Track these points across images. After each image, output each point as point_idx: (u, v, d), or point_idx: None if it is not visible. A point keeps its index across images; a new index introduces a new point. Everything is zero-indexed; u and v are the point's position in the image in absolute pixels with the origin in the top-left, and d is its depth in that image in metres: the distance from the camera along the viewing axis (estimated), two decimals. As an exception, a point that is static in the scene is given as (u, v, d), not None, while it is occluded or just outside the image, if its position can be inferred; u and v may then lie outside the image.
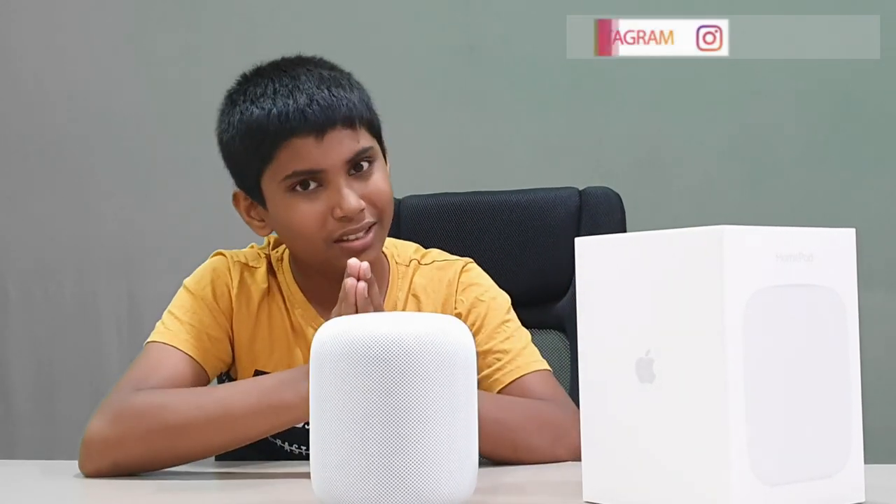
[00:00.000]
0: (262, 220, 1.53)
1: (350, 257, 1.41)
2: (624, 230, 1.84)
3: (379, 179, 1.49)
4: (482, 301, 1.57)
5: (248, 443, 1.37)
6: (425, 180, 2.04)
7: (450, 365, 1.02)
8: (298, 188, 1.45)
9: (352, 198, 1.44)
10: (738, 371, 0.97)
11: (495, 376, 1.51)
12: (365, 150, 1.47)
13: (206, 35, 2.94)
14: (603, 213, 1.85)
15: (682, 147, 2.76)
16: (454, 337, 1.04)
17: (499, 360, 1.51)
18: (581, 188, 1.88)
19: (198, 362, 1.47)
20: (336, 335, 1.03)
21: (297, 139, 1.43)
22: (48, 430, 2.98)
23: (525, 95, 2.81)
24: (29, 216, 3.01)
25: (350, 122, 1.45)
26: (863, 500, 1.06)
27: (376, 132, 1.52)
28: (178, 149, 2.94)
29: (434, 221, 1.79)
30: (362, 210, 1.45)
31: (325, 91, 1.45)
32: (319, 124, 1.42)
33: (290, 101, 1.43)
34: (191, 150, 2.92)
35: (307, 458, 1.53)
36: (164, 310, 1.53)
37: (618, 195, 1.88)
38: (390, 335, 1.00)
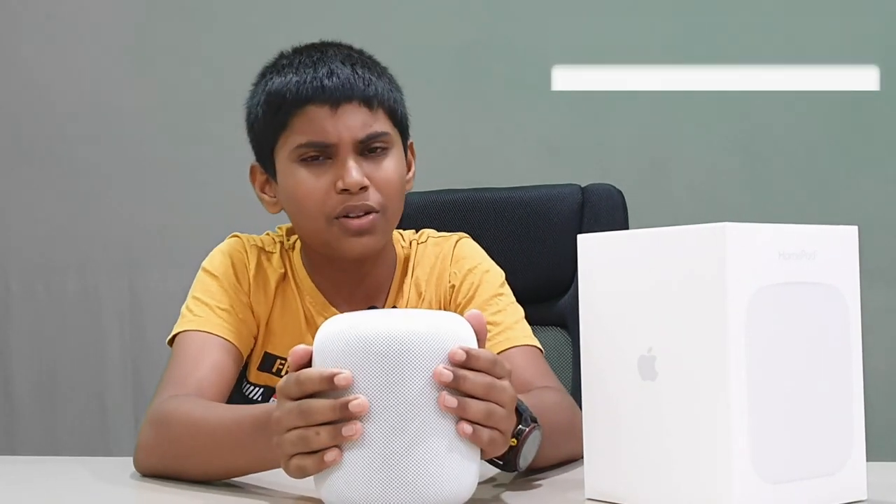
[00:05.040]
0: (274, 196, 1.53)
1: (349, 238, 1.44)
2: (626, 227, 1.84)
3: (389, 167, 1.48)
4: (474, 273, 1.56)
5: (243, 472, 1.27)
6: (427, 177, 2.04)
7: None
8: (308, 160, 1.46)
9: (355, 172, 1.44)
10: (741, 369, 0.97)
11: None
12: (379, 134, 1.47)
13: (207, 36, 2.94)
14: (605, 209, 1.85)
15: (684, 144, 2.76)
16: (456, 333, 1.03)
17: (489, 331, 1.45)
18: (583, 185, 1.88)
19: (234, 345, 1.46)
20: (338, 332, 1.02)
21: (312, 107, 1.44)
22: (50, 425, 2.98)
23: (527, 92, 2.81)
24: (31, 212, 3.01)
25: (367, 102, 1.46)
26: (865, 497, 1.06)
27: (399, 124, 1.52)
28: (179, 146, 2.94)
29: (436, 218, 1.79)
30: (364, 188, 1.44)
31: (348, 67, 1.46)
32: (335, 96, 1.44)
33: (311, 72, 1.45)
34: (192, 147, 2.94)
35: None
36: (166, 305, 1.53)
37: (620, 192, 1.88)
38: (392, 332, 1.00)
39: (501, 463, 1.17)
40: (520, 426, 1.15)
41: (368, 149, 1.47)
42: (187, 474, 1.30)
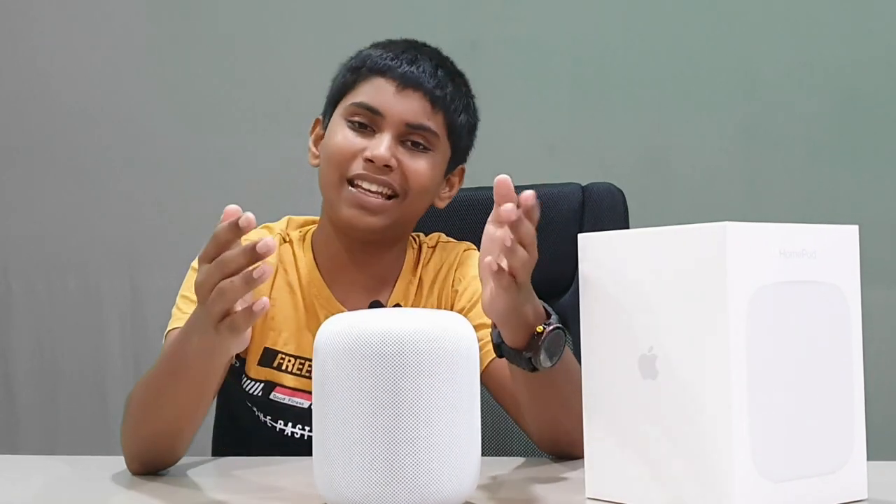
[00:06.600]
0: (318, 151, 1.59)
1: (356, 207, 1.48)
2: (627, 226, 1.84)
3: (423, 164, 1.53)
4: (478, 279, 1.56)
5: (201, 402, 1.27)
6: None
7: (452, 361, 1.02)
8: (354, 122, 1.53)
9: (385, 147, 1.49)
10: (742, 367, 0.97)
11: (486, 349, 1.50)
12: (426, 129, 1.52)
13: (211, 35, 2.94)
14: (606, 208, 1.85)
15: (685, 143, 2.76)
16: (457, 333, 1.04)
17: (488, 334, 1.48)
18: (584, 184, 1.88)
19: None
20: (339, 331, 1.03)
21: (381, 79, 1.53)
22: (51, 423, 2.98)
23: (527, 91, 2.81)
24: (32, 211, 3.01)
25: (433, 100, 1.53)
26: (865, 496, 1.06)
27: (453, 140, 1.57)
28: (181, 144, 2.94)
29: (437, 217, 1.79)
30: (389, 167, 1.49)
31: (432, 65, 1.55)
32: (406, 78, 1.52)
33: (399, 53, 1.55)
34: (194, 145, 2.93)
35: (309, 440, 1.54)
36: (167, 303, 1.52)
37: (621, 191, 1.87)
38: (393, 331, 1.00)
39: (525, 356, 1.21)
40: (548, 320, 1.21)
41: (412, 141, 1.52)
42: (155, 435, 1.30)
